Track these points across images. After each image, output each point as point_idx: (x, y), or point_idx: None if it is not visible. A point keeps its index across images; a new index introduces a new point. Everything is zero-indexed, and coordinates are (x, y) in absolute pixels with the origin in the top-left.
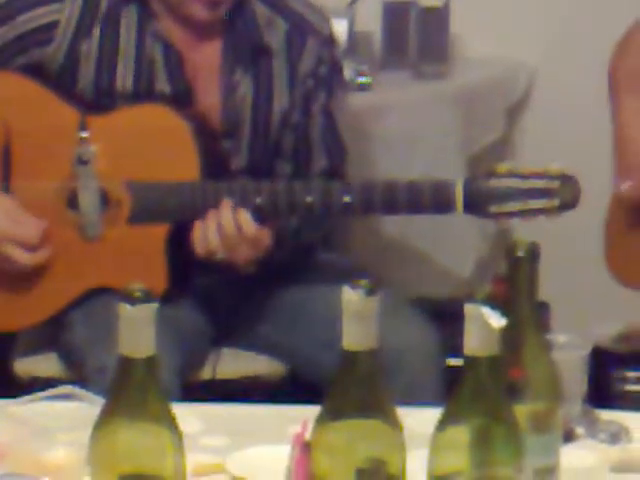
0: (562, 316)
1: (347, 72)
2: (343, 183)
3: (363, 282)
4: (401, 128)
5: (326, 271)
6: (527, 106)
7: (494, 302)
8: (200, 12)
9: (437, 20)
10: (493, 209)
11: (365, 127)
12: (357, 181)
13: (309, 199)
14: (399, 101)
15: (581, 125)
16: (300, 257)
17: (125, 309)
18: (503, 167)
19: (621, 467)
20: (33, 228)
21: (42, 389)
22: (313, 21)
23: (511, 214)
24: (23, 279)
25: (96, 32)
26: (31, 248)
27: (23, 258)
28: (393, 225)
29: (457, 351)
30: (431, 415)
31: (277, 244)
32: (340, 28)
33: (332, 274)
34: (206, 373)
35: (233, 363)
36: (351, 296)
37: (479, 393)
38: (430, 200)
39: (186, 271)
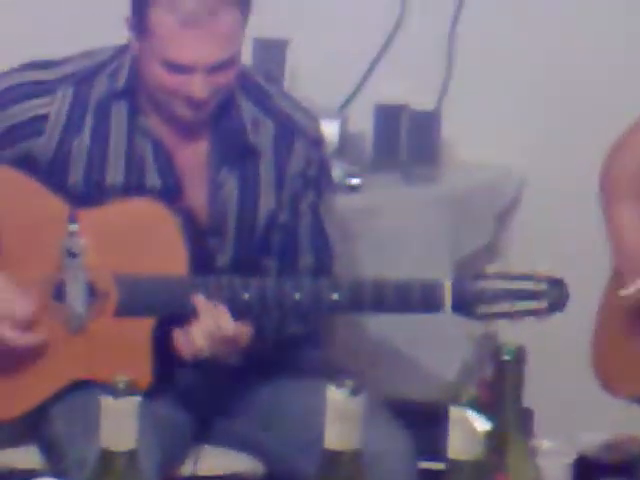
0: (546, 423)
1: (337, 173)
2: (332, 280)
3: (348, 382)
4: (390, 230)
5: (307, 368)
6: (516, 211)
7: (479, 406)
8: (184, 111)
9: (428, 123)
10: (481, 310)
11: (354, 228)
12: (346, 279)
13: (297, 296)
14: (389, 203)
15: (569, 231)
16: (282, 353)
17: (107, 401)
18: (491, 269)
19: None
20: (25, 307)
21: None
22: (301, 121)
23: (499, 315)
24: (4, 370)
25: (86, 127)
26: (24, 327)
27: (15, 338)
28: (377, 324)
29: (435, 454)
30: None
31: (258, 338)
32: (331, 129)
33: (313, 372)
34: (186, 469)
35: (214, 460)
36: (336, 395)
37: None
38: (419, 299)
39: (169, 366)
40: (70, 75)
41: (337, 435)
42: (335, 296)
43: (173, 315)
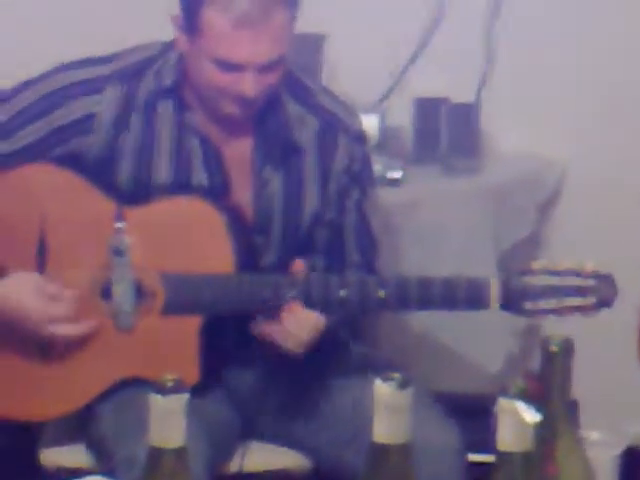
0: (593, 415)
1: (378, 167)
2: (378, 278)
3: (395, 375)
4: (432, 223)
5: (352, 363)
6: (558, 202)
7: (528, 397)
8: (232, 109)
9: (468, 116)
10: (528, 306)
11: (396, 222)
12: (392, 276)
13: (343, 293)
14: (430, 196)
15: (612, 221)
16: (332, 350)
17: (156, 399)
18: (538, 264)
19: None
20: (67, 299)
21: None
22: (344, 118)
23: (546, 311)
24: (53, 369)
25: (133, 125)
26: (71, 320)
27: (66, 331)
28: (422, 319)
29: (482, 447)
30: None
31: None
32: (371, 123)
33: (358, 367)
34: (234, 466)
35: (260, 456)
36: (383, 389)
37: None
38: (465, 297)
39: (217, 363)
40: (118, 73)
41: (385, 429)
42: (381, 293)
43: (219, 313)
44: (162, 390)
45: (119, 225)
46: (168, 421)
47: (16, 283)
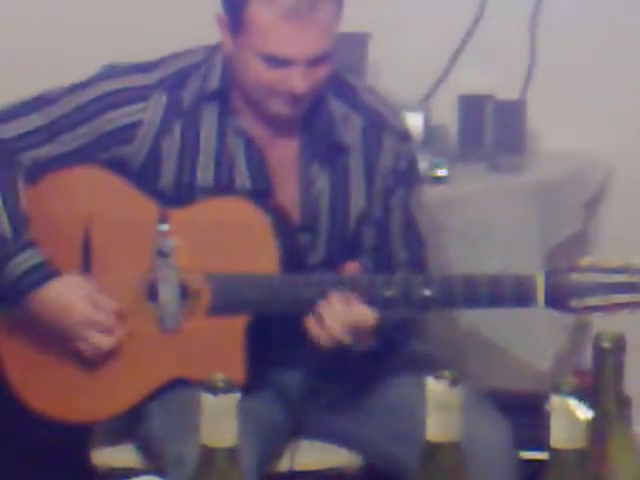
0: None
1: (423, 165)
2: (423, 277)
3: (447, 373)
4: (478, 220)
5: (402, 361)
6: (604, 199)
7: (580, 394)
8: (281, 108)
9: (513, 113)
10: (575, 303)
11: (441, 219)
12: (437, 275)
13: (389, 293)
14: (475, 193)
15: None
16: (384, 347)
17: (207, 399)
18: (585, 261)
19: None
20: (110, 311)
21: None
22: (388, 116)
23: (593, 309)
24: (101, 371)
25: (177, 129)
26: (108, 331)
27: (102, 342)
28: (471, 317)
29: (533, 444)
30: None
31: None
32: (415, 121)
33: (408, 364)
34: (284, 465)
35: (311, 454)
36: (435, 387)
37: None
38: (511, 294)
39: (263, 363)
40: (163, 80)
41: (438, 427)
42: (427, 292)
43: (265, 314)
44: (213, 390)
45: (163, 227)
46: (220, 421)
47: (65, 284)
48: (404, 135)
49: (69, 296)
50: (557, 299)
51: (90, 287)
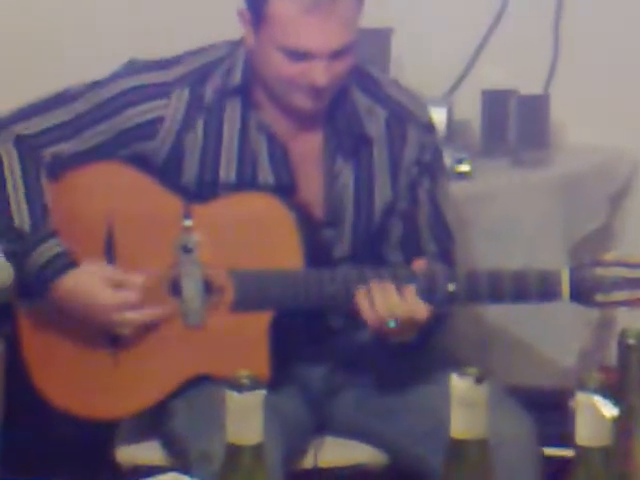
0: None
1: (446, 160)
2: (447, 271)
3: (471, 370)
4: (502, 215)
5: (426, 358)
6: (629, 193)
7: (606, 391)
8: (304, 101)
9: (537, 107)
10: (600, 298)
11: (466, 214)
12: (462, 269)
13: (413, 287)
14: (499, 188)
15: None
16: (409, 344)
17: (232, 397)
18: (610, 255)
19: None
20: (135, 287)
21: (144, 477)
22: (412, 108)
23: (618, 303)
24: (125, 368)
25: (199, 124)
26: (137, 307)
27: (134, 317)
28: (495, 313)
29: (557, 441)
30: None
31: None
32: (438, 117)
33: (432, 361)
34: (308, 461)
35: (335, 451)
36: (460, 384)
37: None
38: (535, 289)
39: (287, 359)
40: (185, 76)
41: (462, 424)
42: (451, 287)
43: (289, 309)
44: (239, 387)
45: (187, 222)
46: (245, 418)
47: (85, 272)
48: (428, 127)
49: (91, 282)
50: (582, 294)
51: (111, 269)
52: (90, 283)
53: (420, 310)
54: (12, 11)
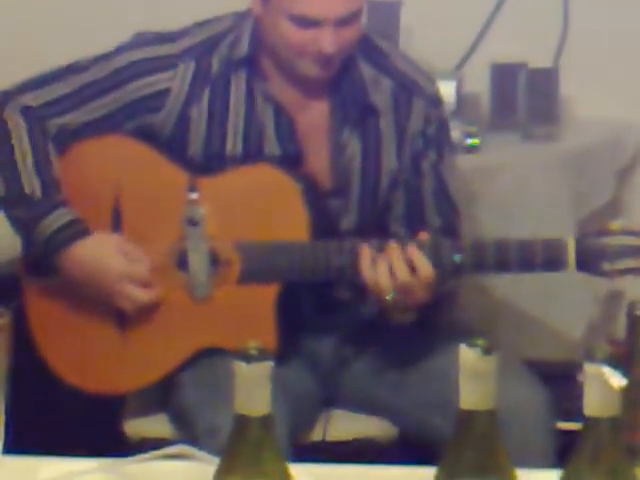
0: None
1: (455, 134)
2: (453, 242)
3: (480, 341)
4: (510, 189)
5: (435, 330)
6: (637, 168)
7: (614, 362)
8: (311, 69)
9: (546, 82)
10: (606, 266)
11: (474, 189)
12: (467, 240)
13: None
14: (508, 163)
15: None
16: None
17: (240, 367)
18: (615, 224)
19: None
20: (144, 264)
21: (152, 450)
22: (419, 80)
23: (624, 272)
24: (133, 341)
25: (206, 96)
26: (146, 284)
27: (141, 295)
28: (503, 286)
29: (568, 414)
30: (545, 478)
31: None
32: (448, 90)
33: (441, 333)
34: (316, 434)
35: (343, 424)
36: (468, 355)
37: (600, 454)
38: (542, 258)
39: (294, 331)
40: (191, 48)
41: (471, 395)
42: (457, 257)
43: (295, 281)
44: (247, 358)
45: (193, 195)
46: (254, 389)
47: (98, 241)
48: (434, 100)
49: (103, 252)
50: (588, 262)
51: (123, 242)
52: (102, 250)
53: (424, 267)
54: None
